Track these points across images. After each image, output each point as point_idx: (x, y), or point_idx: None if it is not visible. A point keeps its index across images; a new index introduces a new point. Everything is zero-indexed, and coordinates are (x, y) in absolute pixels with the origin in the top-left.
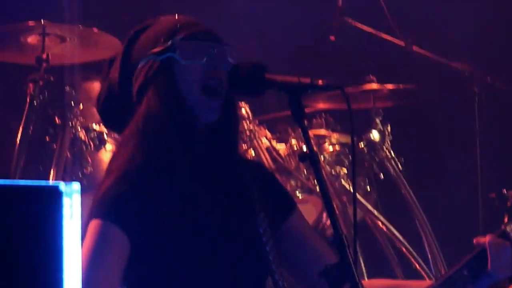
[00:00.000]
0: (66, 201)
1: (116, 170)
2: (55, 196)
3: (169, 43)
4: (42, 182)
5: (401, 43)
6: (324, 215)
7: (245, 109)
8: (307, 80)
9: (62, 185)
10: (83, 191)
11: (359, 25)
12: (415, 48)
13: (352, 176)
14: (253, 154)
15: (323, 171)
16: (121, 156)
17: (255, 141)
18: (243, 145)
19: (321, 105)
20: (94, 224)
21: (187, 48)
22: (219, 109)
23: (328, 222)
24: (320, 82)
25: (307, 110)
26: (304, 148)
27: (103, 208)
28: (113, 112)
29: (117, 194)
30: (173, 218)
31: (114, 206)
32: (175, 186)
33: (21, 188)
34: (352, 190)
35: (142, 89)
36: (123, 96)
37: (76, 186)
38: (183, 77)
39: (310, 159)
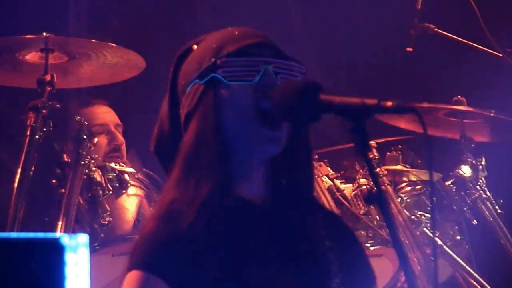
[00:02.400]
0: (70, 257)
1: (158, 213)
2: (55, 251)
3: (212, 60)
4: (41, 235)
5: (498, 55)
6: None
7: None
8: (372, 102)
9: (64, 238)
10: (101, 246)
11: (444, 34)
12: None
13: (432, 223)
14: None
15: (399, 217)
16: (164, 196)
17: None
18: None
19: (403, 125)
20: (133, 276)
21: (232, 66)
22: (282, 138)
23: None
24: (389, 103)
25: (380, 140)
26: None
27: (144, 257)
28: (170, 153)
29: (160, 241)
30: (225, 273)
31: (157, 255)
32: (227, 234)
33: (11, 243)
34: (436, 240)
35: (187, 120)
36: (176, 132)
37: (83, 238)
38: (231, 102)
39: (378, 200)
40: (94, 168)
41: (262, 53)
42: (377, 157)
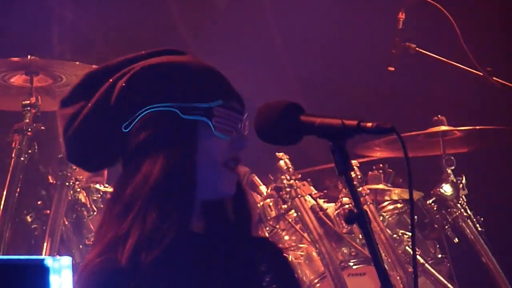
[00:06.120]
0: (54, 279)
1: (103, 241)
2: (40, 273)
3: (208, 105)
4: (24, 257)
5: (478, 74)
6: None
7: (284, 161)
8: (352, 123)
9: (48, 260)
10: None
11: (425, 53)
12: (495, 79)
13: (412, 243)
14: (295, 216)
15: (382, 235)
16: (112, 226)
17: (297, 200)
18: (283, 205)
19: (379, 154)
20: None
21: (224, 117)
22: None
23: None
24: (369, 124)
25: (362, 160)
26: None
27: (89, 284)
28: (101, 164)
29: (106, 270)
30: None
31: (102, 282)
32: (170, 264)
33: None
34: (418, 258)
35: (147, 147)
36: (115, 147)
37: (66, 260)
38: (210, 150)
39: (359, 220)
40: (78, 190)
41: (239, 108)
42: (359, 176)
